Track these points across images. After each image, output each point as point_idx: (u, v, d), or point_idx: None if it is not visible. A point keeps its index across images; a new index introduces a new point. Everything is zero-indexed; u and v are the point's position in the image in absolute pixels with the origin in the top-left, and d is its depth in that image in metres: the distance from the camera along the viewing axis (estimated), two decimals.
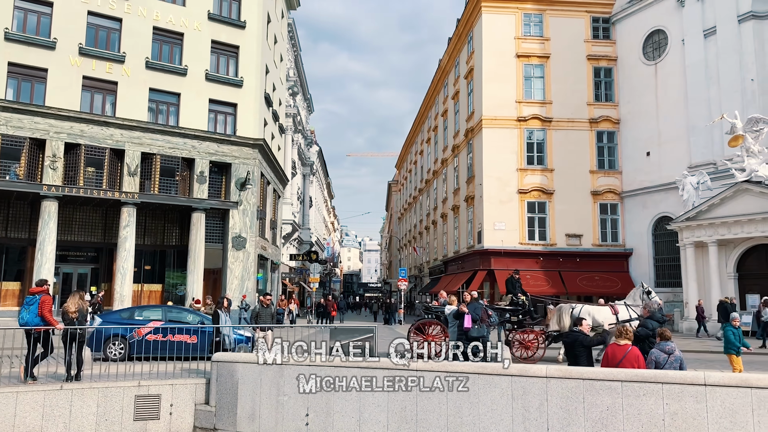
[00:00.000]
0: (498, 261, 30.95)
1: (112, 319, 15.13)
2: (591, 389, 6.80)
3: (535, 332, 15.20)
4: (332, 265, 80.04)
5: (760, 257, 23.63)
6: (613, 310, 14.74)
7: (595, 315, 14.54)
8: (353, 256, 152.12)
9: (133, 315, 15.46)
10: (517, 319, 15.52)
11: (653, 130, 30.88)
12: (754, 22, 26.80)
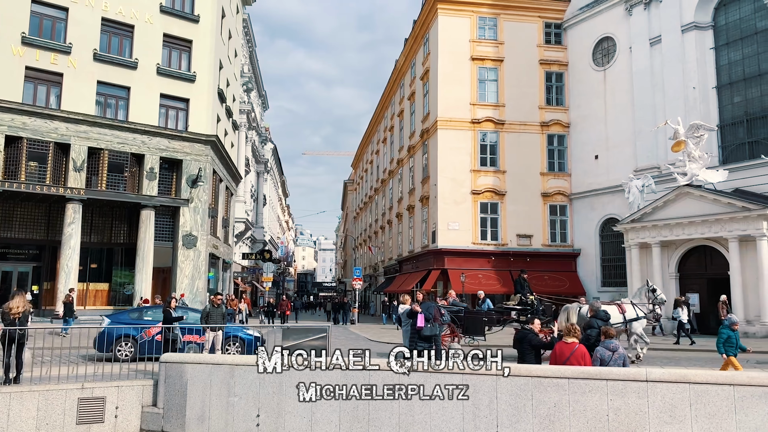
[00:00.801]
0: (451, 260, 31.33)
1: (120, 320, 15.04)
2: (539, 386, 6.96)
3: (543, 331, 15.31)
4: (286, 264, 79.28)
5: (699, 258, 24.66)
6: (620, 309, 14.76)
7: None
8: (308, 255, 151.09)
9: (141, 315, 15.29)
10: (525, 319, 15.56)
11: (601, 134, 31.84)
12: (697, 32, 27.95)
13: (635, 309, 14.70)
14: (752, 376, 6.79)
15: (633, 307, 14.75)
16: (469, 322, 15.66)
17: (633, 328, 14.51)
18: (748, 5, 26.61)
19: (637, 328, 14.48)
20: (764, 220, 21.19)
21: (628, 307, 14.76)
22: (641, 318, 14.55)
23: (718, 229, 22.49)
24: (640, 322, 14.56)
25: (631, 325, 14.47)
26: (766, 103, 25.64)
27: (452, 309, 15.61)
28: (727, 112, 27.24)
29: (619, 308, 14.74)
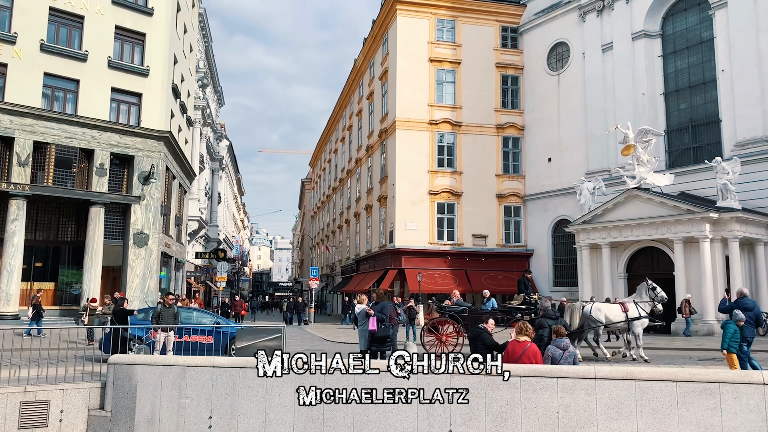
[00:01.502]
0: (408, 260, 31.51)
1: (130, 321, 14.74)
2: (492, 385, 7.07)
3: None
4: (241, 263, 78.14)
5: (646, 259, 25.50)
6: (623, 308, 14.85)
7: (606, 313, 14.83)
8: (264, 255, 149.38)
9: (147, 316, 15.08)
10: (529, 318, 15.59)
11: (555, 138, 32.59)
12: (646, 40, 28.93)
13: (638, 308, 14.80)
14: (693, 372, 7.08)
15: (636, 306, 14.85)
16: (472, 321, 15.71)
17: (633, 327, 14.62)
18: (694, 16, 27.69)
19: (637, 327, 14.59)
20: (707, 222, 22.08)
21: (631, 305, 14.87)
22: (643, 317, 14.66)
23: (665, 231, 23.31)
24: (642, 322, 14.66)
25: (633, 324, 14.58)
26: (709, 111, 26.74)
27: (456, 309, 15.80)
28: (673, 118, 28.30)
29: (623, 307, 14.89)
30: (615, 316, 14.70)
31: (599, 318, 14.67)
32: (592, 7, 31.10)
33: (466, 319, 15.50)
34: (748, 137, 24.45)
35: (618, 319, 14.65)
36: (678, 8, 28.43)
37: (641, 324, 14.61)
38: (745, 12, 24.93)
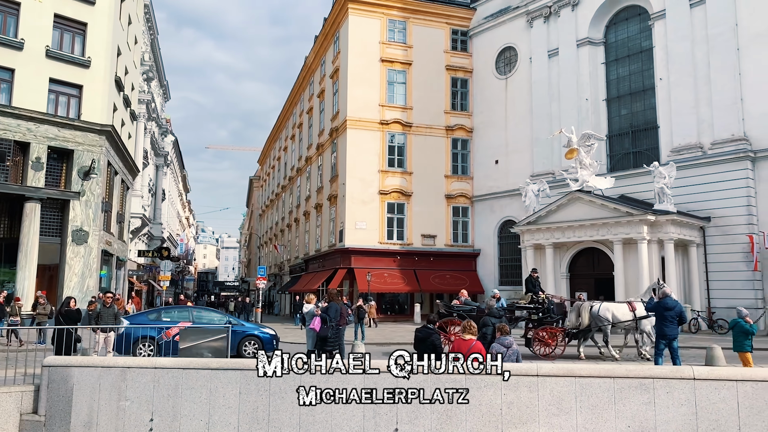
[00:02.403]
0: (358, 259, 31.52)
1: (139, 321, 15.08)
2: (438, 383, 7.15)
3: (554, 329, 15.35)
4: (186, 262, 76.30)
5: (588, 259, 26.36)
6: (631, 307, 14.95)
7: (614, 312, 14.95)
8: (209, 254, 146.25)
9: (160, 316, 15.33)
10: (537, 317, 15.73)
11: (502, 140, 33.26)
12: (590, 47, 29.89)
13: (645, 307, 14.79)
14: (630, 369, 7.36)
15: (643, 305, 14.86)
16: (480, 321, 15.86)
17: (642, 325, 14.75)
18: (635, 25, 28.80)
19: (646, 325, 14.72)
20: (645, 224, 22.99)
21: (638, 305, 14.95)
22: (651, 316, 14.62)
23: (605, 232, 24.14)
24: (650, 320, 14.64)
25: (641, 322, 14.72)
26: (648, 117, 27.86)
27: (464, 308, 15.82)
28: (615, 123, 29.35)
29: (630, 306, 15.04)
30: (623, 315, 14.86)
31: (607, 317, 14.87)
32: (540, 14, 31.89)
33: (474, 318, 15.64)
34: (684, 143, 25.61)
35: (626, 318, 14.81)
36: (620, 17, 29.50)
37: (650, 322, 14.67)
38: (681, 24, 26.09)
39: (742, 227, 23.35)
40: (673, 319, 11.62)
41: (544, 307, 15.74)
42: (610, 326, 15.08)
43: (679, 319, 11.72)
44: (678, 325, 11.71)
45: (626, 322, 14.96)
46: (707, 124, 24.90)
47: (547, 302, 15.94)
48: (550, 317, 15.69)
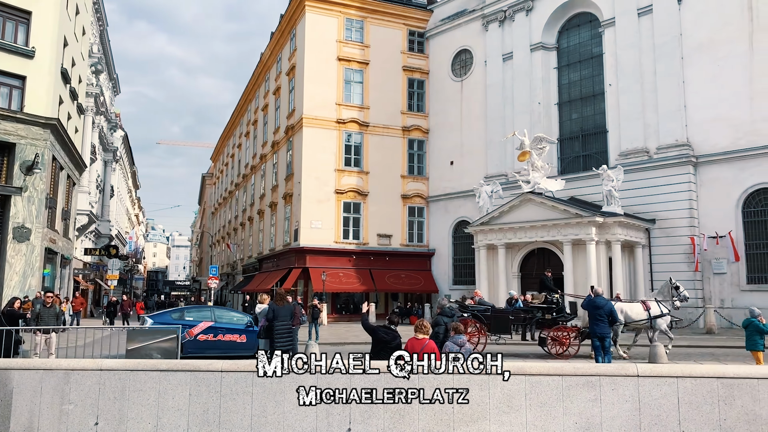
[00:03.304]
0: (313, 259, 31.34)
1: (162, 320, 15.11)
2: (392, 382, 7.17)
3: (568, 329, 15.37)
4: (135, 261, 74.20)
5: (538, 259, 26.93)
6: (645, 306, 14.98)
7: (628, 311, 14.92)
8: (160, 252, 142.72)
9: (183, 315, 15.44)
10: (551, 317, 15.69)
11: (457, 142, 33.67)
12: (543, 52, 30.57)
13: (659, 306, 15.00)
14: (577, 366, 7.56)
15: (657, 304, 15.04)
16: (495, 321, 15.79)
17: (658, 324, 14.83)
18: (587, 32, 29.60)
19: (661, 324, 14.82)
20: (593, 226, 23.66)
21: (653, 304, 15.05)
22: (666, 314, 14.87)
23: (555, 233, 24.73)
24: (665, 319, 14.88)
25: (656, 321, 14.79)
26: (598, 122, 28.69)
27: (478, 308, 15.85)
28: (566, 127, 30.11)
29: (644, 305, 15.08)
30: (637, 315, 14.89)
31: (619, 317, 14.80)
32: (495, 17, 32.41)
33: (488, 318, 15.67)
34: (631, 148, 26.48)
35: (640, 318, 14.84)
36: (572, 24, 30.27)
37: (665, 321, 14.89)
38: (630, 32, 26.98)
39: (685, 229, 24.32)
40: (602, 317, 11.97)
41: (558, 307, 15.84)
42: (623, 326, 15.05)
43: (610, 318, 12.04)
44: (609, 324, 12.02)
45: (640, 322, 14.93)
46: (653, 130, 25.83)
47: (561, 302, 16.04)
48: (564, 317, 15.81)
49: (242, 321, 15.11)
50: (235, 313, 16.20)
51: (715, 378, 6.95)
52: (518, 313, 16.47)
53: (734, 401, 6.81)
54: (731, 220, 23.35)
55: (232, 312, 16.75)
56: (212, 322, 14.43)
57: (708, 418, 6.83)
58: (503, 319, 15.90)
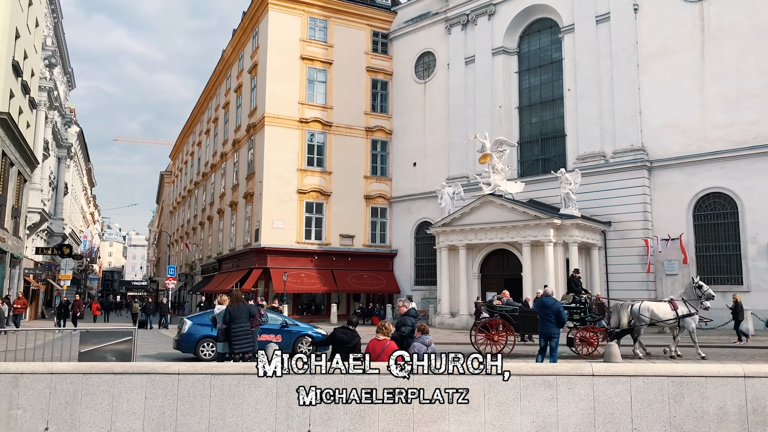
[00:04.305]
0: (274, 259, 31.04)
1: (201, 321, 15.45)
2: (352, 383, 7.16)
3: (596, 329, 15.25)
4: (89, 260, 72.11)
5: (498, 260, 27.31)
6: (672, 306, 14.95)
7: (655, 311, 14.95)
8: (116, 251, 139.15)
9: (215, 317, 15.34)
10: (579, 317, 15.59)
11: (420, 143, 33.86)
12: (504, 56, 31.02)
13: (687, 306, 14.94)
14: (535, 366, 7.69)
15: (684, 303, 15.00)
16: (523, 321, 15.66)
17: (686, 324, 14.82)
18: (547, 37, 30.18)
19: (689, 323, 14.80)
20: (551, 227, 24.13)
21: (680, 303, 15.01)
22: (694, 314, 14.83)
23: (515, 234, 25.12)
24: (693, 318, 14.85)
25: (685, 321, 14.79)
26: (556, 126, 29.28)
27: (506, 308, 15.75)
28: (526, 130, 30.63)
29: (671, 305, 15.04)
30: (664, 314, 14.92)
31: (647, 316, 14.99)
32: (458, 21, 32.73)
33: (517, 318, 15.58)
34: (588, 152, 27.12)
35: (667, 317, 14.88)
36: (533, 29, 30.81)
37: (693, 320, 14.87)
38: (588, 38, 27.62)
39: (639, 231, 25.04)
40: (550, 317, 12.12)
41: (586, 307, 15.84)
42: (646, 325, 15.13)
43: (557, 319, 12.19)
44: (558, 324, 12.12)
45: (668, 321, 14.97)
46: (610, 134, 26.50)
47: (589, 302, 16.05)
48: (592, 317, 15.83)
49: (277, 321, 15.81)
50: (269, 314, 16.56)
51: (666, 377, 7.17)
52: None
53: (683, 399, 7.04)
54: (683, 223, 24.16)
55: (268, 313, 17.05)
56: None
57: (659, 415, 7.04)
58: (531, 319, 15.77)
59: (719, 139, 23.51)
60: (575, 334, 15.41)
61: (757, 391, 7.03)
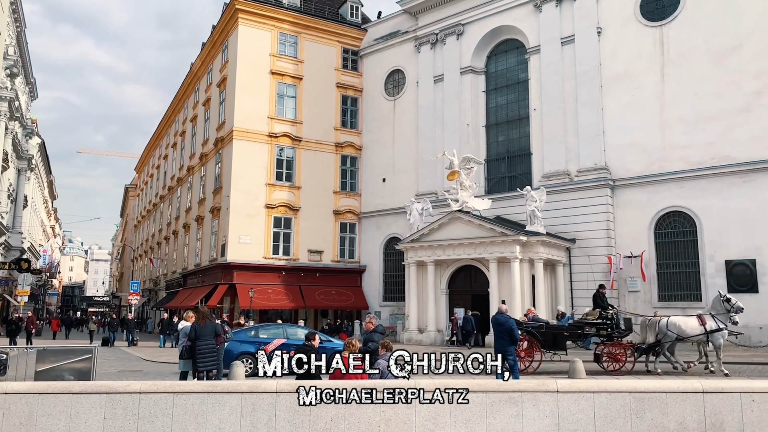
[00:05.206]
0: (240, 275, 30.63)
1: (240, 338, 15.86)
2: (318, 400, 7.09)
3: (623, 345, 15.06)
4: (49, 275, 70.06)
5: (466, 276, 27.49)
6: (701, 321, 14.81)
7: (682, 326, 14.84)
8: (77, 266, 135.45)
9: (258, 333, 16.46)
10: (606, 333, 15.38)
11: (389, 159, 34.04)
12: (472, 75, 31.52)
13: (715, 320, 14.76)
14: (500, 384, 7.75)
15: (713, 318, 14.82)
16: (550, 337, 15.52)
17: (714, 339, 14.63)
18: (513, 58, 30.79)
19: (717, 339, 14.63)
20: (517, 244, 24.44)
21: (708, 318, 14.85)
22: (723, 329, 14.66)
23: (482, 251, 25.36)
24: (722, 333, 14.67)
25: (713, 336, 14.61)
26: (522, 144, 29.79)
27: (532, 325, 15.59)
28: (493, 148, 31.08)
29: (699, 320, 14.90)
30: (692, 329, 14.79)
31: (674, 331, 14.89)
32: (427, 40, 33.18)
33: (543, 335, 15.45)
34: (553, 170, 27.64)
35: (695, 332, 14.74)
36: (500, 49, 31.41)
37: (722, 336, 14.70)
38: (554, 59, 28.28)
39: (602, 249, 25.53)
40: (503, 335, 12.14)
41: (613, 323, 15.73)
42: (677, 341, 15.04)
43: (510, 336, 12.21)
44: (511, 342, 12.03)
45: (696, 337, 14.85)
46: (574, 153, 27.08)
47: (616, 318, 15.93)
48: (619, 332, 15.71)
49: (302, 337, 15.41)
50: (300, 329, 16.77)
51: (628, 393, 7.30)
52: (573, 329, 16.33)
53: (645, 414, 7.17)
54: (645, 241, 24.74)
55: (302, 329, 17.22)
56: (285, 339, 15.28)
57: (621, 431, 7.14)
58: (558, 336, 15.83)
59: (679, 159, 24.23)
60: (602, 350, 15.32)
61: (715, 407, 7.20)
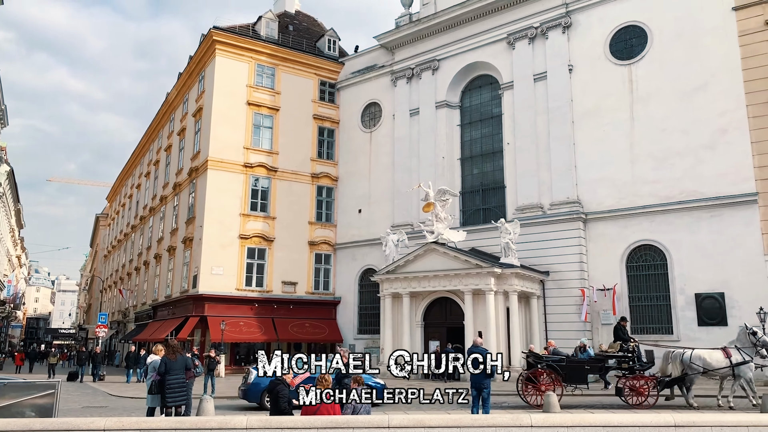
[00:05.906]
0: (212, 307, 30.12)
1: None
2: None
3: (645, 378, 14.79)
4: (12, 306, 67.94)
5: (441, 308, 27.40)
6: (726, 354, 14.57)
7: (707, 359, 14.60)
8: (43, 297, 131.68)
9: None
10: (628, 366, 15.14)
11: (365, 191, 34.15)
12: (447, 109, 32.03)
13: (741, 353, 14.52)
14: (476, 418, 7.69)
15: (738, 351, 14.59)
16: (570, 370, 15.30)
17: (741, 372, 14.38)
18: (487, 93, 31.42)
19: (746, 372, 14.40)
20: (492, 276, 24.52)
21: (733, 351, 14.63)
22: (748, 361, 14.41)
23: (457, 282, 25.37)
24: (749, 366, 14.44)
25: (739, 369, 14.36)
26: (496, 177, 30.19)
27: (552, 358, 15.45)
28: (467, 181, 31.42)
29: (725, 353, 14.67)
30: (717, 363, 14.56)
31: (699, 365, 14.68)
32: (403, 74, 33.71)
33: (564, 369, 15.25)
34: (527, 203, 28.00)
35: (720, 365, 14.51)
36: (474, 85, 32.04)
37: (749, 368, 14.48)
38: (526, 95, 28.92)
39: (576, 281, 25.76)
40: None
41: (635, 356, 15.55)
42: (700, 374, 14.82)
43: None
44: (485, 375, 11.69)
45: (721, 370, 14.59)
46: (547, 187, 27.50)
47: (637, 350, 15.76)
48: (641, 365, 15.53)
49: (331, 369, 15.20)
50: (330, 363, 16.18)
51: (602, 427, 7.29)
52: (594, 363, 16.10)
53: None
54: (617, 274, 25.04)
55: (327, 362, 16.56)
56: (310, 373, 14.53)
57: None
58: (578, 369, 15.62)
59: (648, 193, 24.76)
60: (624, 383, 15.13)
61: None
